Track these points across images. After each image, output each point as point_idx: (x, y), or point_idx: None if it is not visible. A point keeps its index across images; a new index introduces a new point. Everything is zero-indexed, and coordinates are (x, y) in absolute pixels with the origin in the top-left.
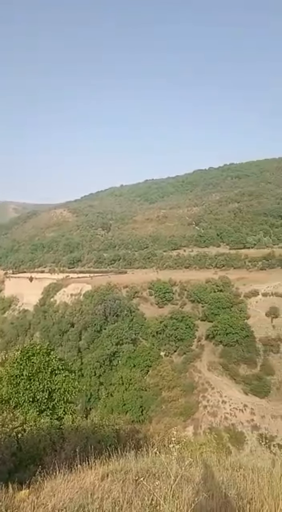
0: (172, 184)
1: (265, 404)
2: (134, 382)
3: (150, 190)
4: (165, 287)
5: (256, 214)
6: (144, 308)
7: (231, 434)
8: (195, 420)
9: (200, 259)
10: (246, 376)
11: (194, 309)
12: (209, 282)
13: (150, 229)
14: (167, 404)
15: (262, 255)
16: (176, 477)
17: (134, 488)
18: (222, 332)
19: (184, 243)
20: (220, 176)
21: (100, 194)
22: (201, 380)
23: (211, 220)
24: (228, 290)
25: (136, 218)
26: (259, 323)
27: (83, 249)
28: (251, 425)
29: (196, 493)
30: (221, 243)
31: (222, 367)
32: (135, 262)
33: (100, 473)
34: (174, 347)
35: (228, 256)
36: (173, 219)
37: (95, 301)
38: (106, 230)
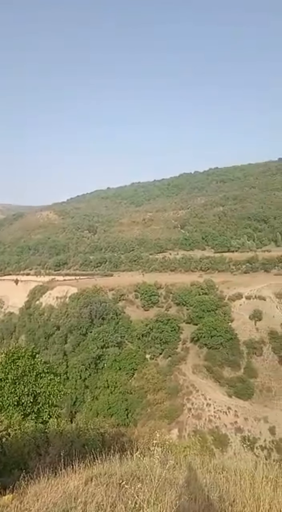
0: (158, 187)
1: (248, 407)
2: (119, 385)
3: (136, 193)
4: (150, 290)
5: (240, 218)
6: (130, 311)
7: (215, 437)
8: (179, 423)
9: (185, 262)
10: (230, 379)
11: (179, 312)
12: (194, 285)
13: (136, 232)
14: (152, 407)
15: (246, 259)
16: (159, 481)
17: (118, 492)
18: (206, 335)
19: (169, 246)
20: (205, 180)
21: (87, 197)
22: (185, 383)
23: (196, 224)
24: (212, 293)
25: (122, 220)
26: (243, 326)
27: (69, 251)
28: (234, 428)
29: (179, 496)
30: (206, 247)
31: (207, 370)
32: (121, 265)
33: (84, 477)
34: (159, 350)
35: (212, 260)
36: (158, 222)
37: (81, 304)
38: (92, 233)
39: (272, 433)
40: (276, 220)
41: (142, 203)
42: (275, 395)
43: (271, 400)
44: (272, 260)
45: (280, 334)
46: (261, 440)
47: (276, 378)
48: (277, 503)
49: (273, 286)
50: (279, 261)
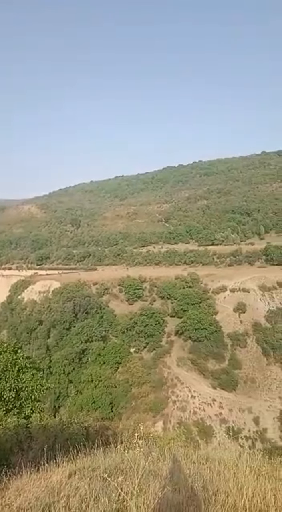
0: (142, 180)
1: (233, 398)
2: (104, 379)
3: (120, 187)
4: (134, 283)
5: (224, 211)
6: (114, 305)
7: (200, 428)
8: (164, 415)
9: (170, 255)
10: (215, 371)
11: (163, 305)
12: (178, 279)
13: (119, 226)
14: (137, 400)
15: (230, 252)
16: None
17: (101, 485)
18: (191, 328)
19: (153, 240)
20: (189, 173)
21: (70, 190)
22: (170, 376)
23: (180, 217)
24: (197, 286)
25: (106, 214)
26: (227, 319)
27: (52, 245)
28: (219, 419)
29: (163, 487)
30: (190, 240)
31: (191, 363)
32: (105, 259)
33: (67, 471)
34: (144, 343)
35: (197, 253)
36: (142, 216)
37: (64, 298)
38: (75, 227)
39: (256, 423)
40: (260, 213)
41: (126, 196)
42: (258, 386)
43: (255, 391)
44: (256, 253)
45: (263, 326)
46: (245, 431)
47: (259, 369)
48: (260, 491)
49: (256, 278)
50: (263, 254)
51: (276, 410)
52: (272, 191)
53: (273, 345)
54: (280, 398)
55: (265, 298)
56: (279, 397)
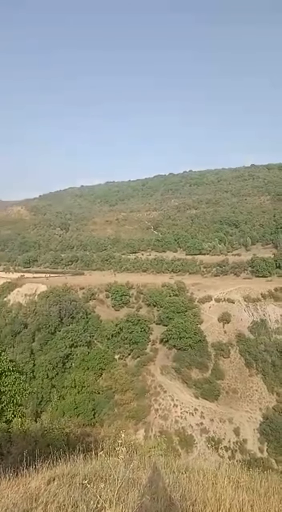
0: (133, 187)
1: (214, 408)
2: (87, 385)
3: (110, 192)
4: (122, 290)
5: (212, 221)
6: (100, 311)
7: (181, 437)
8: (146, 423)
9: (157, 263)
10: (197, 380)
11: (149, 312)
12: (165, 286)
13: (109, 231)
14: (119, 407)
15: (216, 262)
16: (122, 480)
17: (80, 492)
18: (175, 336)
19: (142, 247)
20: (179, 182)
21: (60, 194)
22: (153, 384)
23: (169, 225)
24: (183, 295)
25: (95, 219)
26: (211, 328)
27: (40, 248)
28: (200, 428)
29: (142, 496)
30: (178, 248)
31: (175, 371)
32: (93, 264)
33: (47, 477)
34: (128, 350)
35: (184, 262)
36: (132, 223)
37: (50, 302)
38: (64, 230)
39: (237, 434)
40: (247, 225)
41: (116, 202)
42: (240, 397)
43: (236, 401)
44: (242, 264)
45: (247, 337)
46: (226, 441)
47: (241, 380)
48: (237, 502)
49: (242, 289)
50: (249, 265)
51: (256, 421)
52: (260, 203)
53: (256, 356)
54: (260, 410)
55: (249, 309)
56: (259, 408)
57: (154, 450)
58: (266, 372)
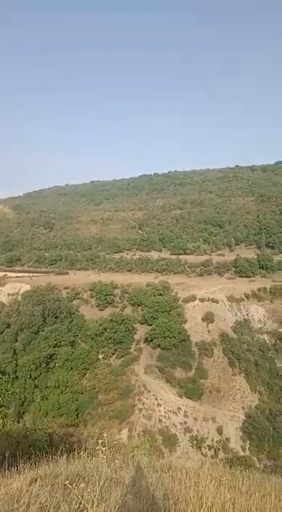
0: (118, 186)
1: (198, 407)
2: (70, 385)
3: (95, 191)
4: (106, 289)
5: (196, 221)
6: (84, 310)
7: (165, 437)
8: (130, 423)
9: (142, 263)
10: (181, 379)
11: (134, 312)
12: (149, 286)
13: (93, 231)
14: (103, 407)
15: (201, 262)
16: (105, 480)
17: (62, 492)
18: (160, 336)
19: (127, 246)
20: (164, 182)
21: (45, 192)
22: (137, 383)
23: (154, 225)
24: (167, 295)
25: (80, 218)
26: (195, 328)
27: (23, 247)
28: (183, 428)
29: (124, 495)
30: (162, 248)
31: (159, 371)
32: (77, 263)
33: (29, 478)
34: (112, 350)
35: (168, 261)
36: (117, 222)
37: (33, 302)
38: (48, 229)
39: (220, 433)
40: (231, 226)
41: (101, 201)
42: (223, 396)
43: (219, 400)
44: (226, 264)
45: (230, 337)
46: (209, 440)
47: (225, 379)
48: (219, 500)
49: (225, 289)
50: (232, 265)
51: (239, 420)
52: (243, 204)
53: (239, 355)
54: (243, 409)
55: (233, 309)
56: (242, 407)
57: (137, 449)
58: (249, 372)
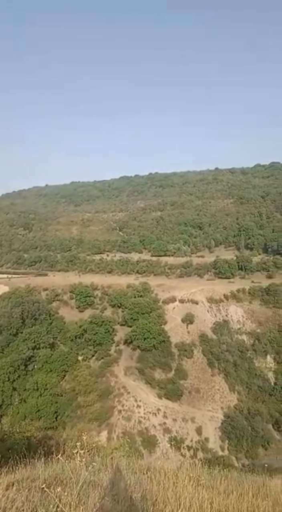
0: (98, 188)
1: (177, 408)
2: (49, 387)
3: (76, 192)
4: (86, 291)
5: (177, 223)
6: (64, 312)
7: (144, 438)
8: (109, 425)
9: (122, 264)
10: (161, 381)
11: (114, 313)
12: (130, 288)
13: (73, 232)
14: (82, 410)
15: (181, 263)
16: (83, 483)
17: (40, 496)
18: (140, 337)
19: (107, 248)
20: (145, 184)
21: (23, 193)
22: (117, 385)
23: (134, 227)
24: (147, 296)
25: (60, 219)
26: (175, 329)
27: (2, 248)
28: (163, 429)
29: (102, 498)
30: (143, 250)
31: (139, 372)
32: (57, 265)
33: (5, 482)
34: (92, 351)
35: (149, 263)
36: (97, 223)
37: (12, 304)
38: (28, 230)
39: (199, 433)
40: (211, 228)
41: (81, 203)
42: (203, 396)
43: (199, 401)
44: (205, 266)
45: (209, 337)
46: (188, 440)
47: (204, 379)
48: (197, 500)
49: (205, 291)
50: (212, 267)
51: (218, 420)
52: (223, 206)
53: (218, 356)
54: (222, 409)
55: (212, 310)
56: (221, 407)
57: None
58: (228, 372)
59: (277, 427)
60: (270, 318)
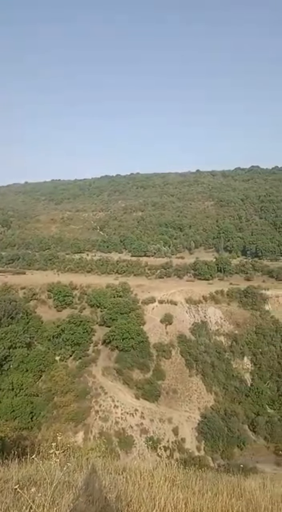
0: (79, 186)
1: (154, 408)
2: (25, 387)
3: (56, 191)
4: (64, 290)
5: (157, 224)
6: (42, 311)
7: (121, 438)
8: (86, 425)
9: (102, 264)
10: (139, 381)
11: (93, 313)
12: (109, 287)
13: (53, 230)
14: (59, 410)
15: (161, 264)
16: (57, 484)
17: (13, 497)
18: (118, 337)
19: (87, 247)
20: (127, 184)
21: (2, 190)
22: (94, 385)
23: (115, 227)
24: (127, 296)
25: (40, 217)
26: (154, 329)
27: None
28: (140, 429)
29: (76, 498)
30: (123, 250)
31: (117, 372)
32: (35, 263)
33: None
34: (70, 351)
35: (129, 263)
36: (77, 222)
37: None
38: (6, 228)
39: (175, 434)
40: (191, 229)
41: (62, 201)
42: (180, 397)
43: (176, 401)
44: (185, 267)
45: (188, 338)
46: (165, 441)
47: (182, 380)
48: (172, 500)
49: (184, 292)
50: (191, 268)
51: (195, 420)
52: (203, 208)
53: (196, 357)
54: (199, 409)
55: (191, 311)
56: (198, 408)
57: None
58: (206, 373)
59: (252, 428)
60: (248, 320)
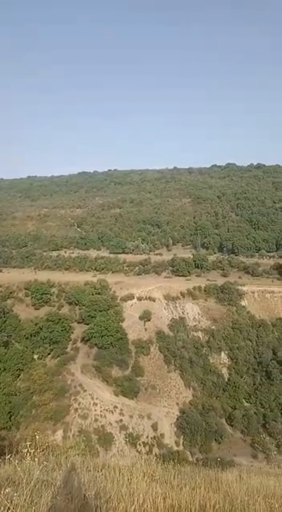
0: (56, 183)
1: (134, 405)
2: (3, 386)
3: (32, 187)
4: (42, 288)
5: (135, 221)
6: (19, 310)
7: (100, 436)
8: (65, 423)
9: (80, 261)
10: (118, 378)
11: (71, 311)
12: (87, 285)
13: (30, 227)
14: (37, 409)
15: (139, 261)
16: (36, 483)
17: None
18: (97, 335)
19: (65, 244)
20: (104, 180)
21: None
22: (73, 383)
23: (93, 223)
24: (105, 293)
25: (16, 214)
26: (133, 326)
27: None
28: (119, 426)
29: (55, 497)
30: (101, 247)
31: (95, 370)
32: (12, 261)
33: None
34: (48, 349)
35: (107, 260)
36: (54, 219)
37: None
38: None
39: (155, 429)
40: (169, 226)
41: (38, 198)
42: (159, 393)
43: (155, 397)
44: (163, 264)
45: (166, 334)
46: (144, 437)
47: (160, 376)
48: (150, 496)
49: (162, 288)
50: (169, 264)
51: (173, 416)
52: (181, 205)
53: (174, 353)
54: (177, 405)
55: (169, 307)
56: (176, 403)
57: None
58: (184, 368)
59: (229, 422)
60: (225, 315)
